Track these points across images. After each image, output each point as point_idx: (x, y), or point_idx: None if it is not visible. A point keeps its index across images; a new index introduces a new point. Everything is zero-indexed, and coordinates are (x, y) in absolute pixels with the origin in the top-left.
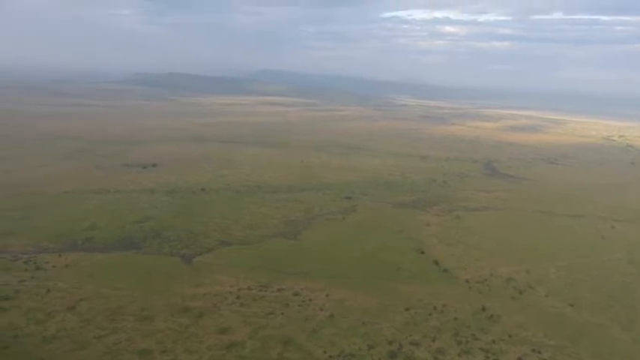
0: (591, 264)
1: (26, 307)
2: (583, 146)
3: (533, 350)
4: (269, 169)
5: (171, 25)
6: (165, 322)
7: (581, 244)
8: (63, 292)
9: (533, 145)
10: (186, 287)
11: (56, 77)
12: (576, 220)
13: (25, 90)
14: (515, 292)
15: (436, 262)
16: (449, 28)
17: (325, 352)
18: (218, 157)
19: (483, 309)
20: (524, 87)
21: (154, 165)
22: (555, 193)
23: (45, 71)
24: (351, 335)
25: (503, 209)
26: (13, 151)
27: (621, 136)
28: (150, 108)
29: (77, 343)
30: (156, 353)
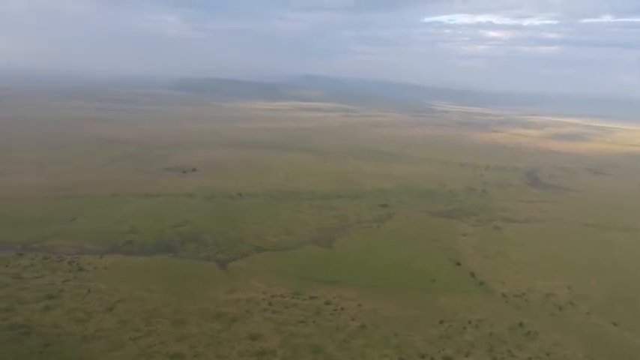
0: (638, 281)
1: (68, 307)
2: (632, 155)
3: None
4: (305, 175)
5: (213, 32)
6: (198, 327)
7: (627, 260)
8: (102, 293)
9: (578, 153)
10: (220, 292)
11: (102, 82)
12: (622, 234)
13: (72, 95)
14: (554, 309)
15: (472, 274)
16: (492, 33)
17: None
18: (256, 162)
19: (520, 325)
20: (571, 92)
21: (194, 169)
22: (601, 205)
23: (91, 77)
24: (383, 347)
25: (545, 221)
26: (62, 155)
27: None
28: (192, 113)
29: (113, 344)
30: (188, 357)
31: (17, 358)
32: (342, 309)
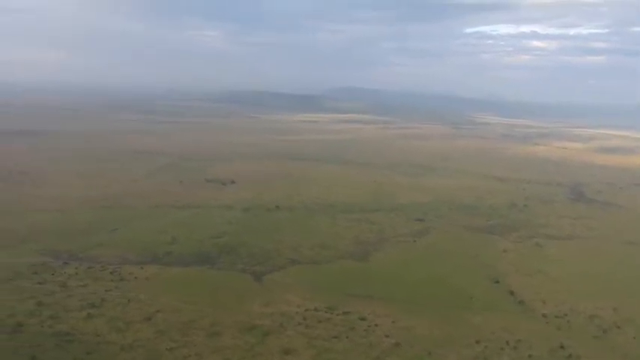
0: None
1: (109, 316)
2: None
3: None
4: (342, 188)
5: (254, 45)
6: (232, 339)
7: None
8: (141, 303)
9: (626, 168)
10: (255, 305)
11: (147, 96)
12: None
13: (118, 108)
14: (598, 331)
15: (511, 293)
16: (536, 43)
17: None
18: (293, 174)
19: (562, 347)
20: (619, 104)
21: (233, 182)
22: None
23: (136, 90)
24: None
25: (590, 238)
26: (108, 167)
27: None
28: (233, 125)
29: (151, 354)
30: None
31: None
32: (376, 325)
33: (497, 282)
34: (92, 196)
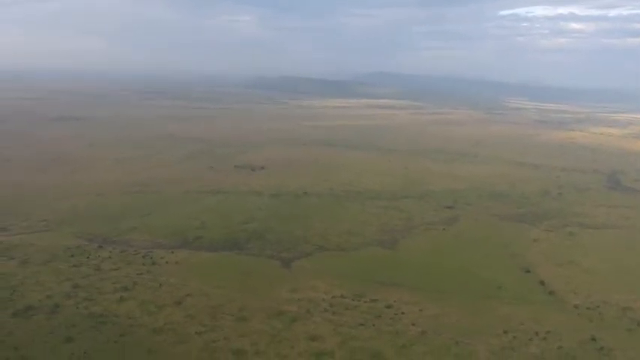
0: None
1: (141, 299)
2: None
3: None
4: (371, 175)
5: (287, 30)
6: (260, 324)
7: None
8: (172, 287)
9: None
10: (283, 291)
11: (182, 83)
12: None
13: (154, 94)
14: (632, 324)
15: (542, 283)
16: (574, 25)
17: None
18: (322, 160)
19: (593, 339)
20: None
21: (262, 167)
22: None
23: (173, 77)
24: (443, 355)
25: (626, 228)
26: (143, 152)
27: None
28: (264, 111)
29: (180, 337)
30: (250, 354)
31: (95, 345)
32: (402, 313)
33: (528, 272)
34: (127, 181)
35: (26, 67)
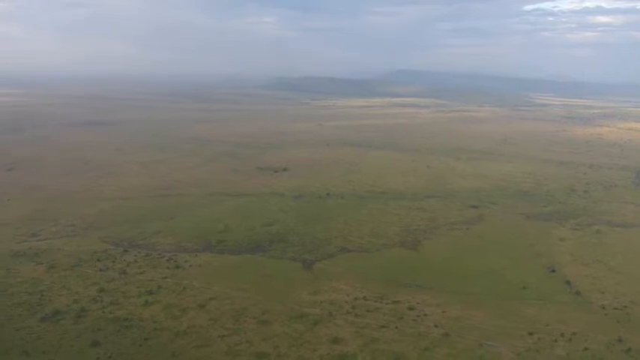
0: None
1: (166, 302)
2: None
3: None
4: (394, 174)
5: (309, 30)
6: (282, 327)
7: None
8: (196, 291)
9: None
10: (305, 293)
11: (208, 85)
12: None
13: (181, 98)
14: None
15: (568, 283)
16: (602, 18)
17: None
18: (345, 161)
19: (620, 340)
20: None
21: (285, 169)
22: None
23: (199, 80)
24: (466, 358)
25: None
26: (168, 155)
27: None
28: (287, 111)
29: (203, 341)
30: (272, 357)
31: (119, 349)
32: (425, 315)
33: (554, 271)
34: (152, 185)
35: (58, 72)
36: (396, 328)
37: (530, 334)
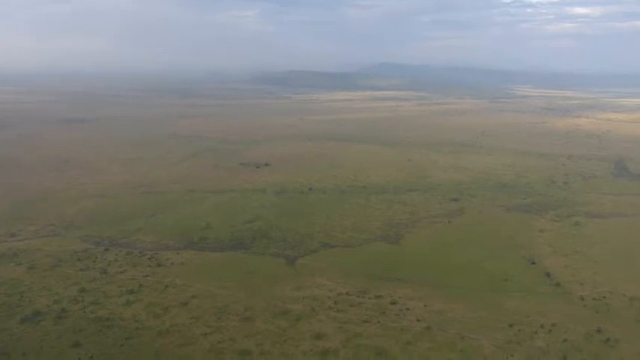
0: None
1: (147, 301)
2: None
3: None
4: (376, 169)
5: (289, 24)
6: (265, 324)
7: None
8: (178, 289)
9: None
10: (287, 289)
11: (189, 80)
12: None
13: (161, 93)
14: (639, 314)
15: (548, 275)
16: (579, 9)
17: None
18: (327, 155)
19: (599, 331)
20: None
21: (267, 164)
22: None
23: (180, 75)
24: (448, 351)
25: (633, 216)
26: (149, 152)
27: None
28: (268, 106)
29: (186, 339)
30: (255, 355)
31: (101, 349)
32: (407, 309)
33: (534, 263)
34: (133, 182)
35: (36, 69)
36: (379, 322)
37: (511, 325)
